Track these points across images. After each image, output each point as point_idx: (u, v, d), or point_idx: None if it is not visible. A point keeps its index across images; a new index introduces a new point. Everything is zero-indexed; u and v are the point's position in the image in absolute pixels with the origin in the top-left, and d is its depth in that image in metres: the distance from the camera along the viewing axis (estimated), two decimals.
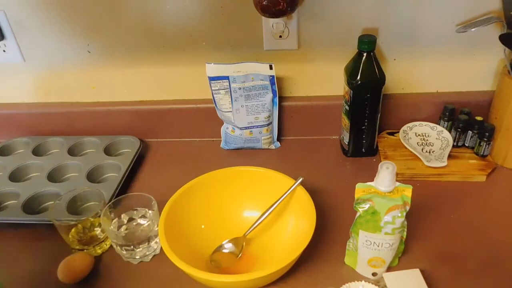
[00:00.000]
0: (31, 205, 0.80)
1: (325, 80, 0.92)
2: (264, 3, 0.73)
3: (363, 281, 0.59)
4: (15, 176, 0.88)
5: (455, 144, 0.86)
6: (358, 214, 0.59)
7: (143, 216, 0.73)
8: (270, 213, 0.69)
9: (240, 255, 0.68)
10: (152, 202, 0.69)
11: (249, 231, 0.69)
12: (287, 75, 0.92)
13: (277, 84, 0.87)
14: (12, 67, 0.95)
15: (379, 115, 0.85)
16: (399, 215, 0.56)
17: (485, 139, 0.82)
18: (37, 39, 0.90)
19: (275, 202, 0.69)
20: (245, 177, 0.74)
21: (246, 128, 0.90)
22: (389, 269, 0.64)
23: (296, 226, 0.68)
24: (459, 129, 0.85)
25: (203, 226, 0.71)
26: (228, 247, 0.69)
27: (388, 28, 0.85)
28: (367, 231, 0.59)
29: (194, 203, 0.71)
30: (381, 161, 0.58)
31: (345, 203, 0.73)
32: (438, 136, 0.89)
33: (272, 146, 0.95)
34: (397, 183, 0.58)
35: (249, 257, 0.68)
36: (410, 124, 0.92)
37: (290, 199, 0.70)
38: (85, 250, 0.70)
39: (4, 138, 1.01)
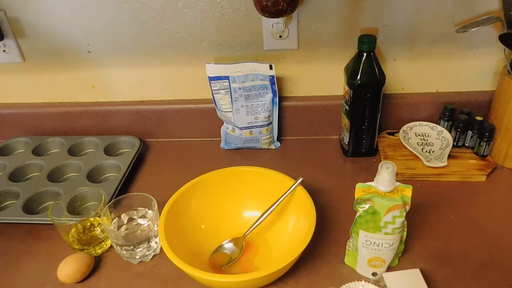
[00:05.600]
0: (31, 205, 0.80)
1: (325, 80, 0.92)
2: (264, 3, 0.73)
3: (363, 281, 0.60)
4: (15, 176, 0.88)
5: (455, 144, 0.86)
6: (358, 214, 0.59)
7: (143, 216, 0.73)
8: (270, 213, 0.69)
9: (240, 254, 0.68)
10: (152, 202, 0.69)
11: (249, 231, 0.69)
12: (287, 75, 0.92)
13: (277, 84, 0.87)
14: (12, 67, 0.95)
15: (379, 115, 0.85)
16: (399, 215, 0.56)
17: (485, 139, 0.82)
18: (37, 39, 0.90)
19: (275, 202, 0.69)
20: (245, 177, 0.74)
21: (246, 128, 0.90)
22: (389, 269, 0.64)
23: (296, 226, 0.68)
24: (459, 129, 0.85)
25: (203, 226, 0.71)
26: (228, 247, 0.69)
27: (388, 28, 0.85)
28: (367, 231, 0.59)
29: (194, 203, 0.71)
30: (381, 161, 0.58)
31: (345, 203, 0.73)
32: (438, 136, 0.89)
33: (272, 146, 0.95)
34: (397, 183, 0.58)
35: (249, 257, 0.68)
36: (410, 124, 0.92)
37: (290, 199, 0.70)
38: (85, 250, 0.70)
39: (4, 138, 1.01)
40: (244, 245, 0.69)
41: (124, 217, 0.73)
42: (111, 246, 0.72)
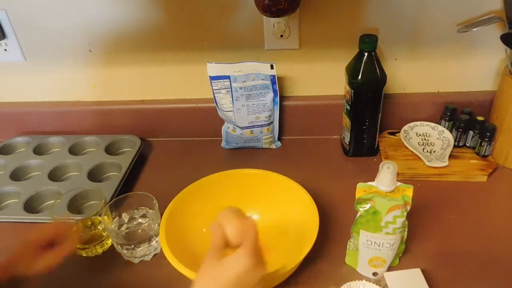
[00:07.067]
0: (32, 204, 0.80)
1: (326, 79, 0.92)
2: (265, 2, 0.73)
3: (364, 281, 0.60)
4: (16, 175, 0.88)
5: (456, 144, 0.86)
6: (359, 214, 0.59)
7: (144, 215, 0.73)
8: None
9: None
10: (153, 201, 0.69)
11: None
12: (288, 74, 0.92)
13: (278, 84, 0.87)
14: (13, 66, 0.95)
15: (380, 115, 0.85)
16: (400, 214, 0.56)
17: (486, 139, 0.82)
18: (38, 38, 0.90)
19: None
20: (246, 180, 0.74)
21: (247, 127, 0.90)
22: (390, 269, 0.64)
23: (298, 230, 0.67)
24: (460, 129, 0.85)
25: (204, 230, 0.70)
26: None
27: (389, 28, 0.85)
28: (368, 231, 0.59)
29: (194, 207, 0.70)
30: (382, 161, 0.58)
31: (345, 203, 0.73)
32: (439, 136, 0.89)
33: (273, 146, 0.95)
34: (398, 183, 0.58)
35: None
36: (411, 124, 0.92)
37: (292, 201, 0.70)
38: (85, 249, 0.70)
39: (5, 137, 1.01)
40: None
41: (125, 216, 0.73)
42: (112, 245, 0.72)
